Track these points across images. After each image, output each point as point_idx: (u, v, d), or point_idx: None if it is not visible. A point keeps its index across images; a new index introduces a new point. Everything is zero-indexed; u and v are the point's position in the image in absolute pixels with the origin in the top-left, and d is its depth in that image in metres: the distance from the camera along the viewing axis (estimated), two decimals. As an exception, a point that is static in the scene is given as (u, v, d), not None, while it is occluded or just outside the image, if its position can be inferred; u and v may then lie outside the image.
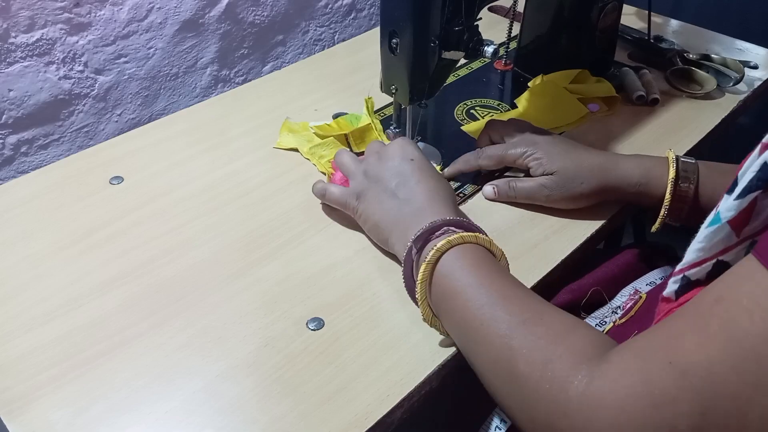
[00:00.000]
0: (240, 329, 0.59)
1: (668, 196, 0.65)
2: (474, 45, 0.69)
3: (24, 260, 0.66)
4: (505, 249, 0.67)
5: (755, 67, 0.95)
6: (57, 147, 1.05)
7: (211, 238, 0.68)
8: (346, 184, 0.72)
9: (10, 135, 0.99)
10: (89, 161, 0.79)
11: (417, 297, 0.55)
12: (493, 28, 1.05)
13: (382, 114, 0.88)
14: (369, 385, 0.54)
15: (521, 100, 0.89)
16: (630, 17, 1.07)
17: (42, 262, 0.65)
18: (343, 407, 0.53)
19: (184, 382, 0.54)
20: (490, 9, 1.09)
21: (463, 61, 0.95)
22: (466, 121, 0.87)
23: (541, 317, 0.48)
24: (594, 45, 0.90)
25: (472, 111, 0.89)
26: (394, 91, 0.72)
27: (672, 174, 0.66)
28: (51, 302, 0.61)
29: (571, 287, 0.69)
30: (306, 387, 0.54)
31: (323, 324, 0.59)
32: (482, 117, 0.88)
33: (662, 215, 0.66)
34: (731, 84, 0.90)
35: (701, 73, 0.91)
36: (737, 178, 0.42)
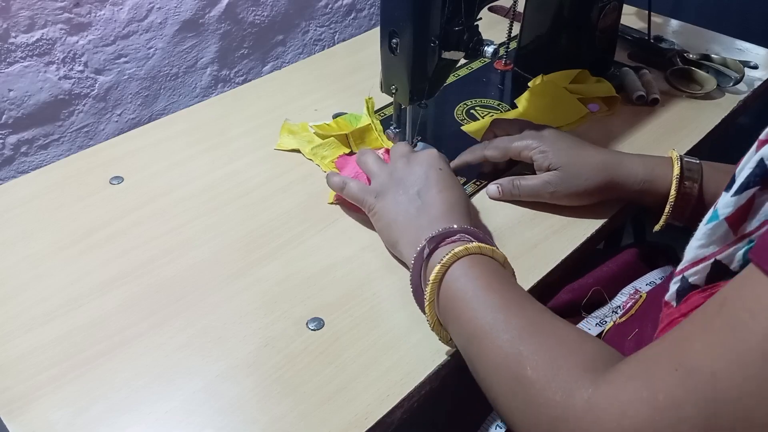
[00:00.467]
0: (240, 329, 0.59)
1: (673, 193, 0.65)
2: (474, 45, 0.69)
3: (24, 260, 0.66)
4: (505, 249, 0.67)
5: (755, 67, 0.95)
6: (57, 147, 1.05)
7: (211, 238, 0.68)
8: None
9: (10, 135, 0.99)
10: (89, 161, 0.79)
11: (426, 298, 0.54)
12: (493, 28, 1.05)
13: (383, 114, 0.88)
14: (369, 385, 0.54)
15: (521, 100, 0.89)
16: (630, 17, 1.07)
17: (42, 262, 0.65)
18: (343, 407, 0.53)
19: (184, 382, 0.54)
20: (490, 9, 1.09)
21: (463, 61, 0.95)
22: (466, 121, 0.87)
23: (551, 328, 0.48)
24: (594, 45, 0.90)
25: (472, 111, 0.89)
26: (394, 91, 0.72)
27: (677, 172, 0.66)
28: (51, 302, 0.61)
29: (572, 287, 0.69)
30: (306, 387, 0.54)
31: (323, 324, 0.59)
32: (482, 117, 0.88)
33: (666, 213, 0.66)
34: (731, 84, 0.90)
35: (701, 73, 0.91)
36: (735, 175, 0.42)
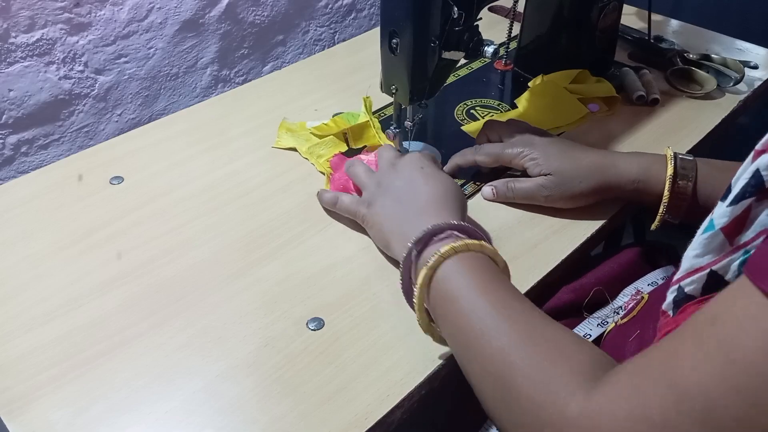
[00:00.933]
0: (240, 329, 0.59)
1: (666, 194, 0.65)
2: (474, 45, 0.69)
3: (24, 260, 0.66)
4: (505, 249, 0.67)
5: (755, 67, 0.95)
6: (57, 147, 1.05)
7: (211, 238, 0.68)
8: (348, 185, 0.72)
9: (10, 135, 0.99)
10: (89, 161, 0.79)
11: (415, 301, 0.54)
12: (493, 28, 1.05)
13: (383, 114, 0.88)
14: (369, 385, 0.54)
15: (521, 100, 0.89)
16: (630, 17, 1.07)
17: (42, 262, 0.65)
18: (343, 407, 0.53)
19: (184, 382, 0.54)
20: (490, 9, 1.09)
21: (463, 61, 0.95)
22: (466, 121, 0.87)
23: (544, 334, 0.48)
24: (594, 45, 0.90)
25: (472, 111, 0.89)
26: (394, 91, 0.72)
27: (670, 171, 0.66)
28: (51, 302, 0.61)
29: (573, 286, 0.69)
30: (306, 387, 0.54)
31: (323, 324, 0.59)
32: (482, 117, 0.88)
33: (661, 212, 0.66)
34: (731, 84, 0.90)
35: (701, 73, 0.91)
36: (731, 185, 0.41)
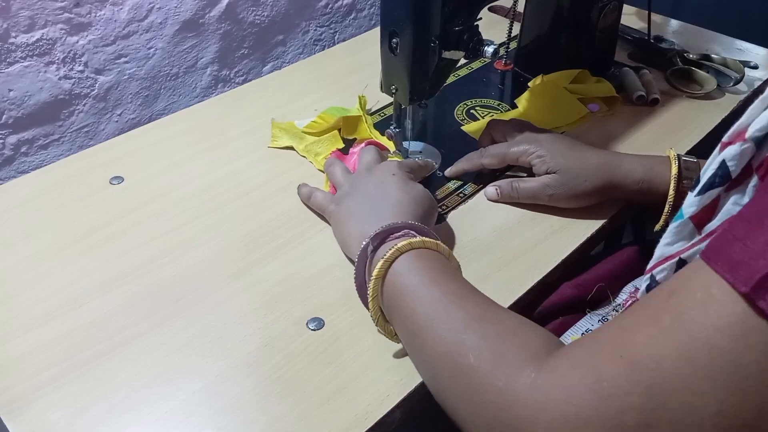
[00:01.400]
0: (240, 329, 0.59)
1: (672, 193, 0.65)
2: (474, 45, 0.69)
3: (24, 260, 0.66)
4: (505, 249, 0.67)
5: (755, 67, 0.95)
6: (57, 147, 1.05)
7: (211, 238, 0.68)
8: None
9: (10, 135, 0.99)
10: (89, 161, 0.79)
11: (369, 293, 0.54)
12: (493, 28, 1.05)
13: (382, 114, 0.88)
14: (369, 385, 0.54)
15: (521, 100, 0.89)
16: (630, 17, 1.07)
17: (42, 262, 0.65)
18: (343, 407, 0.53)
19: (184, 382, 0.54)
20: (490, 9, 1.09)
21: (463, 61, 0.95)
22: (466, 121, 0.87)
23: (495, 316, 0.49)
24: (594, 45, 0.90)
25: (472, 111, 0.89)
26: (394, 91, 0.72)
27: (674, 171, 0.66)
28: (51, 302, 0.61)
29: (576, 282, 0.69)
30: (306, 387, 0.54)
31: (323, 324, 0.59)
32: (482, 117, 0.88)
33: (666, 212, 0.66)
34: (731, 84, 0.90)
35: (701, 73, 0.91)
36: (699, 176, 0.42)
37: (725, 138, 0.42)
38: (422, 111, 0.75)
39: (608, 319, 0.64)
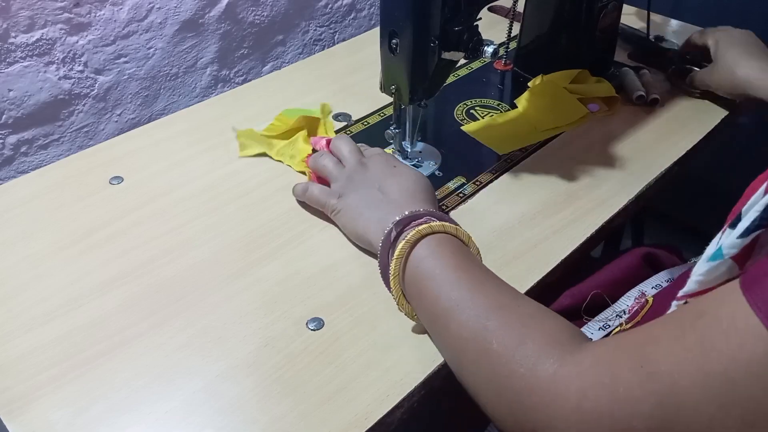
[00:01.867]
0: (240, 329, 0.59)
1: None
2: (474, 45, 0.69)
3: (24, 260, 0.66)
4: (505, 249, 0.67)
5: None
6: (57, 147, 1.05)
7: (211, 238, 0.68)
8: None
9: (10, 135, 0.99)
10: (89, 161, 0.79)
11: (390, 273, 0.56)
12: (493, 28, 1.05)
13: (382, 114, 0.88)
14: (369, 385, 0.54)
15: (521, 100, 0.89)
16: (630, 17, 1.07)
17: (42, 262, 0.65)
18: (343, 407, 0.53)
19: (184, 382, 0.54)
20: (490, 9, 1.09)
21: (463, 61, 0.95)
22: (466, 121, 0.87)
23: (517, 303, 0.50)
24: (594, 45, 0.90)
25: (472, 111, 0.89)
26: (394, 91, 0.72)
27: None
28: (51, 302, 0.61)
29: (572, 291, 0.69)
30: (306, 387, 0.54)
31: (323, 324, 0.59)
32: (482, 117, 0.88)
33: None
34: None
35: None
36: (740, 214, 0.41)
37: None
38: (422, 111, 0.74)
39: (610, 326, 0.64)
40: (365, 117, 0.87)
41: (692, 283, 0.43)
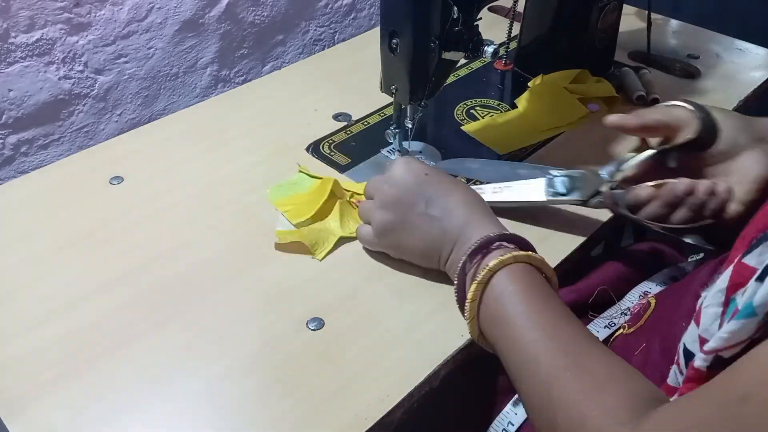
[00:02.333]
0: (240, 329, 0.59)
1: None
2: (474, 45, 0.69)
3: (24, 260, 0.66)
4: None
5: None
6: (57, 147, 1.05)
7: (212, 238, 0.68)
8: None
9: (10, 135, 0.99)
10: (89, 161, 0.79)
11: (466, 315, 0.54)
12: (493, 28, 1.05)
13: (382, 114, 0.88)
14: (369, 385, 0.54)
15: (521, 100, 0.89)
16: (630, 17, 1.07)
17: (42, 262, 0.65)
18: (343, 407, 0.53)
19: (185, 382, 0.54)
20: (490, 9, 1.09)
21: (463, 61, 0.95)
22: (466, 121, 0.87)
23: (585, 363, 0.48)
24: (594, 45, 0.90)
25: (472, 111, 0.89)
26: (394, 91, 0.72)
27: None
28: (51, 302, 0.61)
29: (577, 287, 0.69)
30: (306, 387, 0.54)
31: (323, 324, 0.59)
32: (482, 117, 0.88)
33: None
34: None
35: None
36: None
37: None
38: (422, 111, 0.74)
39: (615, 324, 0.64)
40: (365, 117, 0.87)
41: (719, 340, 0.42)
